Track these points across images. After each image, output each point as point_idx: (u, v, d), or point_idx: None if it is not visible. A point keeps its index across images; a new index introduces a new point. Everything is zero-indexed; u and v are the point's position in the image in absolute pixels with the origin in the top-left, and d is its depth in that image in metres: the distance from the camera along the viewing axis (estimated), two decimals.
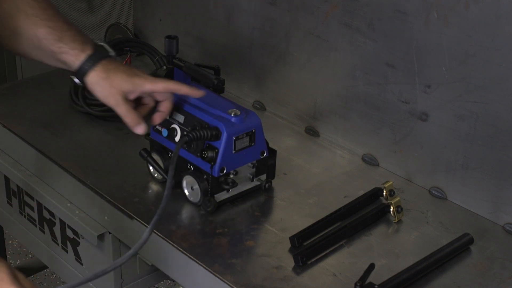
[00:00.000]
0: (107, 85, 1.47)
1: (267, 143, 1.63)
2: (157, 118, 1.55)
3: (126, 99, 1.48)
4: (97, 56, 1.47)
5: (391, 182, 1.63)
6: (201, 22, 2.12)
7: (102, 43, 1.50)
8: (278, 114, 1.99)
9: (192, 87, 1.54)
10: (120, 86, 1.47)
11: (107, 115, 1.92)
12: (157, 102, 1.54)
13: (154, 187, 1.67)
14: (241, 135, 1.56)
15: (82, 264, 1.79)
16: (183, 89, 1.53)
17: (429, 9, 1.58)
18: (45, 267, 2.45)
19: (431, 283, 1.45)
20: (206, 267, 1.44)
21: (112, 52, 1.51)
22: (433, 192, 1.71)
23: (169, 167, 1.43)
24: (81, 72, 1.47)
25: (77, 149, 1.82)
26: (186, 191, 1.62)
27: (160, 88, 1.50)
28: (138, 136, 1.84)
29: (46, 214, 1.83)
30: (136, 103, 1.53)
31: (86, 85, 1.48)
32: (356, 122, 1.81)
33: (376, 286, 1.36)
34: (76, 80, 1.50)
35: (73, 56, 1.46)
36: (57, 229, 1.82)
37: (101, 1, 2.83)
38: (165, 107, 1.54)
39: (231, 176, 1.58)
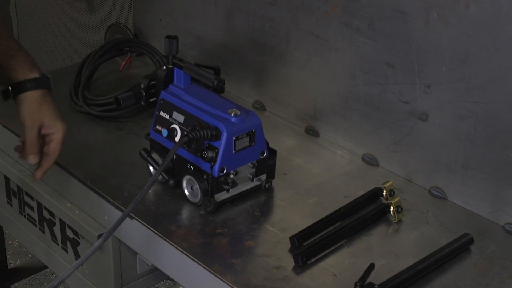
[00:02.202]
0: (36, 109, 1.56)
1: (267, 143, 1.63)
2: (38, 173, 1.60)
3: (39, 129, 1.56)
4: (41, 82, 1.56)
5: (391, 182, 1.63)
6: (201, 22, 2.12)
7: (49, 76, 1.59)
8: (278, 114, 1.99)
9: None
10: (44, 117, 1.56)
11: (107, 115, 1.92)
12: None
13: (154, 187, 1.67)
14: (241, 135, 1.56)
15: (82, 264, 1.79)
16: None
17: (429, 9, 1.58)
18: (45, 267, 2.45)
19: (431, 283, 1.45)
20: (206, 267, 1.44)
21: (52, 88, 1.60)
22: (433, 192, 1.71)
23: (164, 159, 1.44)
24: (20, 88, 1.55)
25: (77, 149, 1.82)
26: (186, 191, 1.62)
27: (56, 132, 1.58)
28: (138, 136, 1.84)
29: (46, 214, 1.83)
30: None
31: (17, 99, 1.56)
32: (356, 122, 1.81)
33: (376, 286, 1.36)
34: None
35: (20, 74, 1.55)
36: (57, 229, 1.82)
37: (101, 1, 2.83)
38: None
39: (231, 176, 1.58)
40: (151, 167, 1.68)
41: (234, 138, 1.55)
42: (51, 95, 1.59)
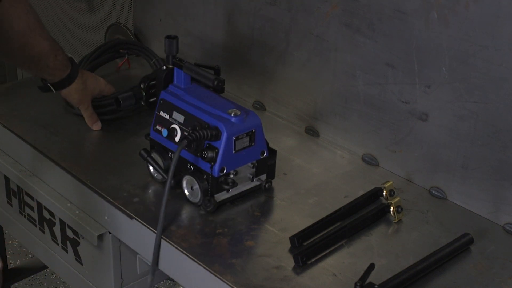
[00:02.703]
0: (83, 93, 1.80)
1: (267, 143, 1.63)
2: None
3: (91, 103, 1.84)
4: (75, 70, 1.77)
5: (391, 182, 1.63)
6: (201, 22, 2.12)
7: (69, 55, 1.78)
8: (278, 114, 1.99)
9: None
10: (91, 92, 1.83)
11: (108, 118, 1.91)
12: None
13: (154, 187, 1.67)
14: (241, 135, 1.56)
15: (82, 264, 1.79)
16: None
17: (429, 9, 1.58)
18: (45, 267, 2.45)
19: (431, 283, 1.45)
20: (206, 267, 1.44)
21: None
22: (433, 192, 1.71)
23: (168, 175, 1.50)
24: (63, 84, 1.75)
25: (77, 149, 1.82)
26: (186, 191, 1.62)
27: (110, 91, 1.90)
28: (138, 136, 1.84)
29: (46, 214, 1.83)
30: None
31: (64, 92, 1.79)
32: (356, 122, 1.81)
33: (376, 286, 1.36)
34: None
35: (62, 70, 1.73)
36: (57, 229, 1.82)
37: (101, 1, 2.83)
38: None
39: (231, 176, 1.58)
40: (151, 167, 1.68)
41: (234, 138, 1.55)
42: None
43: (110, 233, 1.66)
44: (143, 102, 1.84)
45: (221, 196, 1.59)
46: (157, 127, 1.64)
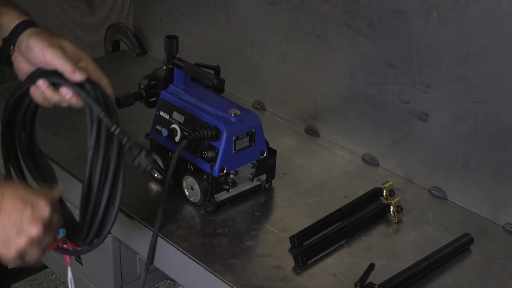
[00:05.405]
0: (48, 36, 1.42)
1: (267, 143, 1.63)
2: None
3: (61, 47, 1.42)
4: (30, 22, 1.42)
5: (391, 182, 1.63)
6: (201, 22, 2.12)
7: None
8: (278, 114, 1.99)
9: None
10: (62, 40, 1.44)
11: None
12: None
13: (154, 187, 1.67)
14: (241, 135, 1.56)
15: (82, 264, 1.79)
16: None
17: (429, 9, 1.58)
18: (45, 267, 2.45)
19: (431, 283, 1.45)
20: (206, 267, 1.44)
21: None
22: (433, 192, 1.71)
23: (168, 165, 1.47)
24: (16, 32, 1.41)
25: (77, 149, 1.81)
26: (186, 191, 1.62)
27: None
28: (138, 136, 1.84)
29: None
30: None
31: (17, 45, 1.41)
32: (356, 122, 1.81)
33: (376, 286, 1.36)
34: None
35: (11, 20, 1.41)
36: None
37: (101, 1, 2.83)
38: None
39: (231, 176, 1.58)
40: None
41: (234, 138, 1.55)
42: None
43: (110, 233, 1.66)
44: (143, 102, 1.84)
45: (221, 196, 1.59)
46: (157, 127, 1.64)
